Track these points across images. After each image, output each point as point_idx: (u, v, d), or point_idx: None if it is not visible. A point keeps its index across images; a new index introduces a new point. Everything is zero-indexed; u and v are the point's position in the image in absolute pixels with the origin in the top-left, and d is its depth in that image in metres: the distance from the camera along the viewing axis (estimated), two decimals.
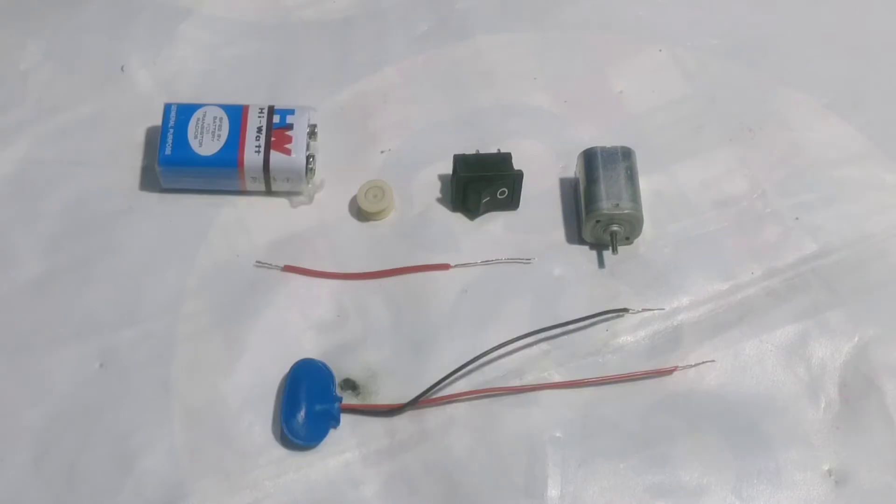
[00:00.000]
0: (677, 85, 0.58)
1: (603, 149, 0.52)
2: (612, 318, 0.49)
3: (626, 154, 0.52)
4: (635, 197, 0.51)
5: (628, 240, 0.51)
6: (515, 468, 0.46)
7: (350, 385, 0.48)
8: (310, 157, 0.52)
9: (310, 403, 0.46)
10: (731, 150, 0.55)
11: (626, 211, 0.50)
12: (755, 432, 0.46)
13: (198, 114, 0.52)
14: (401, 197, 0.53)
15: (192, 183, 0.53)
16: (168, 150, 0.52)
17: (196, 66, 0.58)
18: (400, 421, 0.47)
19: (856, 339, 0.49)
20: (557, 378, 0.48)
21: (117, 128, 0.56)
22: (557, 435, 0.46)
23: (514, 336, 0.47)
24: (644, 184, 0.52)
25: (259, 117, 0.52)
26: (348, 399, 0.47)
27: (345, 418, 0.47)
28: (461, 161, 0.51)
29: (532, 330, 0.48)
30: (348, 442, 0.46)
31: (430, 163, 0.54)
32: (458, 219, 0.53)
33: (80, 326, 0.49)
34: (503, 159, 0.51)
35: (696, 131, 0.56)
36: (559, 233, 0.52)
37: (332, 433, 0.46)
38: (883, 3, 0.62)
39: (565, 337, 0.49)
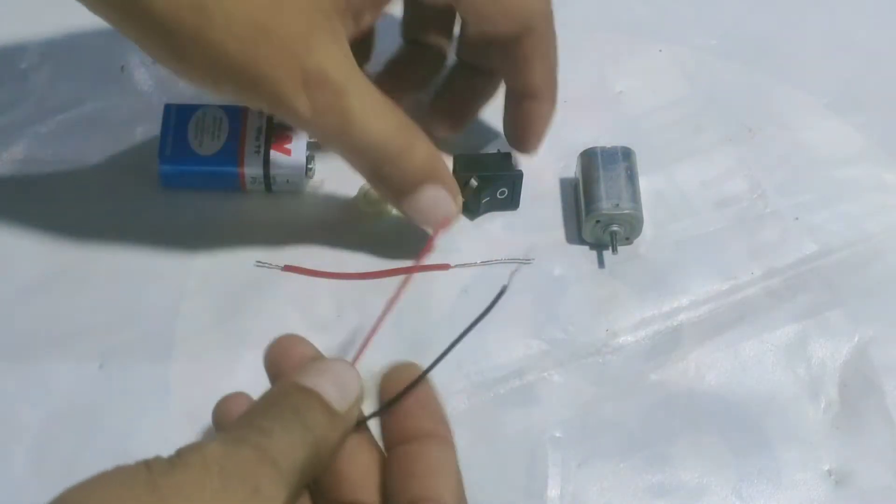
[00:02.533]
0: (677, 85, 0.58)
1: (603, 149, 0.52)
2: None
3: (626, 154, 0.52)
4: (635, 197, 0.51)
5: (628, 240, 0.51)
6: (515, 468, 0.46)
7: None
8: (310, 157, 0.52)
9: None
10: (731, 150, 0.55)
11: (626, 211, 0.50)
12: (755, 432, 0.46)
13: (198, 114, 0.52)
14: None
15: (191, 183, 0.53)
16: (168, 151, 0.52)
17: None
18: None
19: (856, 339, 0.49)
20: (557, 378, 0.48)
21: (117, 127, 0.56)
22: (557, 435, 0.46)
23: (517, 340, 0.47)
24: (644, 184, 0.52)
25: (259, 118, 0.52)
26: None
27: None
28: (461, 161, 0.51)
29: (530, 331, 0.48)
30: None
31: None
32: (459, 219, 0.53)
33: (79, 326, 0.49)
34: (503, 159, 0.51)
35: (696, 131, 0.56)
36: (559, 233, 0.52)
37: None
38: (883, 3, 0.62)
39: (565, 337, 0.49)
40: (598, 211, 0.50)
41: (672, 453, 0.46)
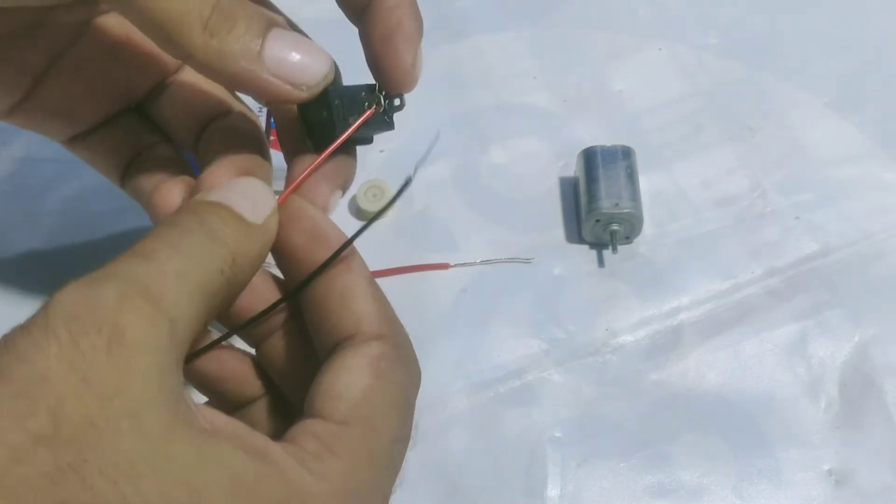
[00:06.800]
0: (677, 84, 0.58)
1: (603, 148, 0.52)
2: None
3: (626, 153, 0.52)
4: (635, 196, 0.50)
5: (628, 239, 0.51)
6: (515, 468, 0.45)
7: None
8: None
9: None
10: (731, 149, 0.55)
11: (625, 210, 0.50)
12: (755, 432, 0.46)
13: None
14: (400, 196, 0.53)
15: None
16: None
17: None
18: None
19: (856, 338, 0.49)
20: (557, 378, 0.48)
21: None
22: (557, 435, 0.46)
23: (516, 333, 0.47)
24: (644, 183, 0.52)
25: (258, 116, 0.52)
26: None
27: None
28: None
29: (530, 331, 0.48)
30: None
31: (429, 162, 0.54)
32: (458, 218, 0.53)
33: None
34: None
35: (696, 130, 0.56)
36: (559, 232, 0.52)
37: None
38: (883, 2, 0.62)
39: (565, 337, 0.49)
40: (598, 210, 0.50)
41: (672, 453, 0.46)
